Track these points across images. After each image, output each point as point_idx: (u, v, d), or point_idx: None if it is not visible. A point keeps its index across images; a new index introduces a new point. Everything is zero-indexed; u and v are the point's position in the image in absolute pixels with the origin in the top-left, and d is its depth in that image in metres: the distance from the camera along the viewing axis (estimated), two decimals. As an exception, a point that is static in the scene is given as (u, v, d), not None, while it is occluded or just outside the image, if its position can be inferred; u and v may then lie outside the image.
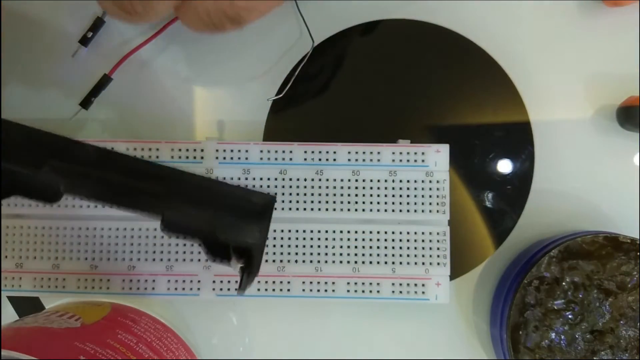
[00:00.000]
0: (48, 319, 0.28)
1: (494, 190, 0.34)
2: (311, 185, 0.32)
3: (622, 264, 0.31)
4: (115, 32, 0.35)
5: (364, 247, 0.32)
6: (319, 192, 0.32)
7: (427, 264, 0.32)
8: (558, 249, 0.31)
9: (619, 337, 0.31)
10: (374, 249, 0.32)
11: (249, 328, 0.35)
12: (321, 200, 0.32)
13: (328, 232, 0.32)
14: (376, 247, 0.32)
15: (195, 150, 0.32)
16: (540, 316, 0.31)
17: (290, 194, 0.32)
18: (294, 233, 0.32)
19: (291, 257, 0.32)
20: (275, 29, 0.35)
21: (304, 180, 0.32)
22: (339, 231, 0.32)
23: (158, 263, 0.32)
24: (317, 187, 0.32)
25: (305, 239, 0.32)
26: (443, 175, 0.32)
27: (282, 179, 0.32)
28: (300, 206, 0.32)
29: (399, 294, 0.32)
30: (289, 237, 0.32)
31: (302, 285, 0.32)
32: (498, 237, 0.34)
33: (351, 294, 0.32)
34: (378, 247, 0.32)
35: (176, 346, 0.32)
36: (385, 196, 0.32)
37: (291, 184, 0.32)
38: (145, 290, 0.32)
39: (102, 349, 0.26)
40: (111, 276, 0.32)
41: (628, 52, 0.35)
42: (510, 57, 0.35)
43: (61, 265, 0.32)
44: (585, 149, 0.35)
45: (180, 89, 0.35)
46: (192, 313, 0.34)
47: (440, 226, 0.32)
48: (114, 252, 0.32)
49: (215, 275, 0.32)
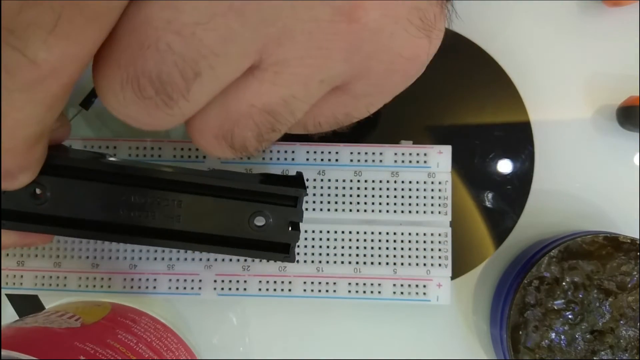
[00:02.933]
0: (48, 319, 0.28)
1: (494, 190, 0.34)
2: (313, 186, 0.32)
3: (622, 264, 0.31)
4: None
5: (365, 248, 0.32)
6: (321, 192, 0.32)
7: (429, 265, 0.32)
8: (558, 249, 0.31)
9: (619, 337, 0.31)
10: (375, 249, 0.32)
11: (249, 328, 0.35)
12: (323, 201, 0.32)
13: (330, 233, 0.32)
14: (378, 247, 0.32)
15: (198, 150, 0.32)
16: (540, 316, 0.31)
17: (292, 194, 0.32)
18: (295, 233, 0.32)
19: (292, 257, 0.32)
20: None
21: (305, 180, 0.32)
22: (341, 231, 0.32)
23: (159, 262, 0.32)
24: (319, 187, 0.32)
25: (307, 239, 0.32)
26: (445, 176, 0.32)
27: (284, 179, 0.32)
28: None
29: (400, 294, 0.32)
30: (291, 237, 0.32)
31: (303, 286, 0.32)
32: (498, 237, 0.35)
33: (352, 294, 0.32)
34: (380, 247, 0.32)
35: (176, 346, 0.32)
36: (387, 197, 0.32)
37: (293, 184, 0.32)
38: (146, 289, 0.32)
39: (102, 349, 0.26)
40: (112, 275, 0.32)
41: (628, 52, 0.35)
42: (510, 57, 0.35)
43: (62, 263, 0.32)
44: (585, 149, 0.35)
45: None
46: (192, 313, 0.34)
47: (442, 227, 0.32)
48: (115, 251, 0.32)
49: (217, 274, 0.32)
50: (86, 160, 0.24)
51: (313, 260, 0.32)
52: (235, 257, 0.31)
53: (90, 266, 0.32)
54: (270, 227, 0.25)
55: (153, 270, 0.32)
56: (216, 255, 0.32)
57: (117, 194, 0.24)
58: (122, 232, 0.25)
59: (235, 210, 0.25)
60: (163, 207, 0.24)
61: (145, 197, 0.24)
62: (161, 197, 0.24)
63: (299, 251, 0.32)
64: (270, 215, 0.25)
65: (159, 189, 0.24)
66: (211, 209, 0.25)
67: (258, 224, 0.25)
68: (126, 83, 0.19)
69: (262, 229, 0.25)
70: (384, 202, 0.32)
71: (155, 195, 0.24)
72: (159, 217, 0.24)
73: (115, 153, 0.31)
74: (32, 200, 0.24)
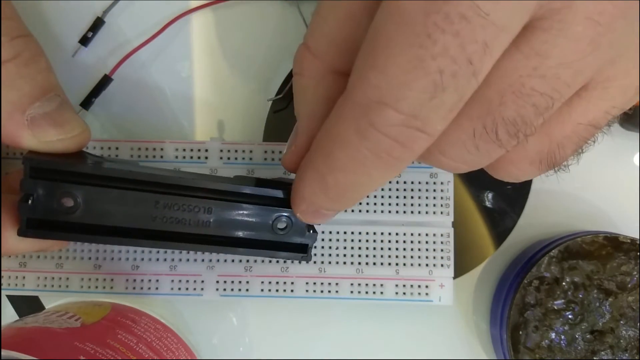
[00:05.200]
0: (48, 319, 0.28)
1: (494, 190, 0.35)
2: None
3: (622, 264, 0.31)
4: (115, 32, 0.35)
5: (367, 249, 0.32)
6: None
7: (431, 266, 0.32)
8: (558, 249, 0.31)
9: (619, 337, 0.31)
10: (377, 250, 0.32)
11: (249, 328, 0.35)
12: (325, 201, 0.32)
13: (332, 233, 0.32)
14: (380, 248, 0.32)
15: (200, 151, 0.32)
16: (540, 316, 0.31)
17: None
18: (297, 234, 0.32)
19: (294, 257, 0.32)
20: (275, 29, 0.35)
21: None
22: (343, 232, 0.32)
23: (162, 263, 0.32)
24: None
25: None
26: (447, 177, 0.32)
27: (285, 180, 0.32)
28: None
29: (402, 295, 0.32)
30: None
31: (305, 286, 0.32)
32: (498, 237, 0.35)
33: (354, 295, 0.32)
34: (382, 248, 0.32)
35: (176, 346, 0.32)
36: (389, 197, 0.32)
37: (294, 185, 0.32)
38: (148, 290, 0.32)
39: (102, 349, 0.26)
40: (115, 276, 0.32)
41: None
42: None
43: (64, 264, 0.32)
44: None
45: (181, 89, 0.35)
46: (192, 313, 0.34)
47: (444, 228, 0.32)
48: (117, 252, 0.32)
49: (219, 275, 0.32)
50: (117, 170, 0.25)
51: (315, 261, 0.32)
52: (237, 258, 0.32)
53: (93, 267, 0.32)
54: (291, 230, 0.27)
55: (155, 271, 0.32)
56: (218, 256, 0.32)
57: (150, 201, 0.26)
58: (156, 238, 0.26)
59: (261, 215, 0.27)
60: (194, 213, 0.26)
61: (178, 204, 0.26)
62: (192, 204, 0.26)
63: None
64: (291, 218, 0.27)
65: (190, 196, 0.26)
66: (239, 214, 0.26)
67: (280, 227, 0.27)
68: (481, 132, 0.20)
69: (284, 232, 0.27)
70: (386, 202, 0.32)
71: (187, 202, 0.26)
72: (191, 223, 0.26)
73: (118, 154, 0.31)
74: (62, 209, 0.25)
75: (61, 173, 0.25)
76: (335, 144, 0.20)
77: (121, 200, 0.25)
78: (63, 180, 0.25)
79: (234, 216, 0.26)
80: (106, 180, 0.25)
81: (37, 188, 0.25)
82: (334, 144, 0.20)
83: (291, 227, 0.27)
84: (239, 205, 0.26)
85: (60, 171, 0.25)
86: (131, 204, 0.25)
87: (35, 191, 0.25)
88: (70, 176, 0.25)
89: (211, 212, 0.26)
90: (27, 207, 0.25)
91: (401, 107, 0.18)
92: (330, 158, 0.21)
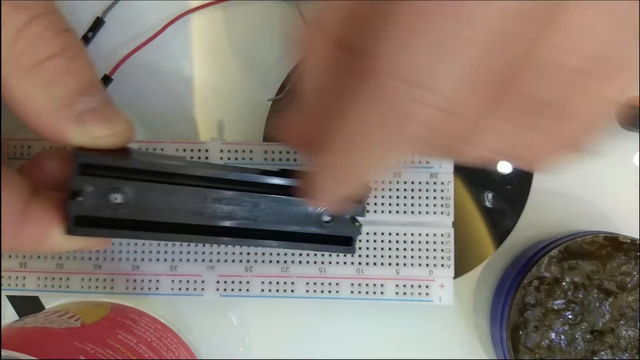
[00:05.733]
0: (48, 319, 0.28)
1: (494, 190, 0.35)
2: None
3: (622, 264, 0.31)
4: (115, 32, 0.35)
5: (368, 249, 0.32)
6: (323, 193, 0.32)
7: (431, 266, 0.32)
8: (558, 249, 0.31)
9: (619, 337, 0.31)
10: (378, 250, 0.32)
11: (249, 328, 0.35)
12: (326, 201, 0.32)
13: (332, 233, 0.32)
14: (380, 248, 0.32)
15: (200, 151, 0.32)
16: (540, 316, 0.31)
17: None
18: (297, 234, 0.32)
19: (295, 257, 0.32)
20: (275, 28, 0.35)
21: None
22: (343, 232, 0.32)
23: (162, 263, 0.32)
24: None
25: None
26: (448, 177, 0.32)
27: (286, 180, 0.32)
28: (304, 207, 0.32)
29: (402, 295, 0.32)
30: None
31: (305, 286, 0.32)
32: (498, 237, 0.35)
33: (355, 295, 0.32)
34: (382, 248, 0.32)
35: (176, 346, 0.32)
36: (389, 197, 0.32)
37: (295, 185, 0.32)
38: (149, 290, 0.32)
39: (102, 349, 0.26)
40: (115, 276, 0.32)
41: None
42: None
43: (65, 264, 0.32)
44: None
45: (181, 89, 0.35)
46: (192, 313, 0.34)
47: (445, 228, 0.32)
48: (117, 252, 0.32)
49: (220, 275, 0.32)
50: (167, 165, 0.25)
51: (315, 261, 0.32)
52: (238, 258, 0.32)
53: (93, 267, 0.32)
54: (335, 223, 0.27)
55: (155, 272, 0.32)
56: (219, 256, 0.32)
57: (199, 196, 0.25)
58: (205, 233, 0.26)
59: (307, 208, 0.27)
60: (242, 208, 0.26)
61: (227, 199, 0.26)
62: (241, 198, 0.26)
63: (301, 252, 0.32)
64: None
65: (238, 190, 0.26)
66: (285, 208, 0.27)
67: (325, 219, 0.27)
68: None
69: (328, 224, 0.27)
70: (387, 202, 0.32)
71: (235, 197, 0.26)
72: (240, 218, 0.26)
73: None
74: (111, 205, 0.25)
75: (110, 169, 0.24)
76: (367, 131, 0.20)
77: (171, 195, 0.25)
78: (112, 176, 0.24)
79: (280, 210, 0.26)
80: (156, 176, 0.25)
81: (85, 184, 0.24)
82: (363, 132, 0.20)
83: (336, 221, 0.27)
84: (283, 198, 0.26)
85: (110, 167, 0.24)
86: (181, 199, 0.25)
87: (83, 188, 0.24)
88: (119, 172, 0.24)
89: (258, 206, 0.26)
90: (76, 205, 0.24)
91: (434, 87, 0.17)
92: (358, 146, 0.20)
